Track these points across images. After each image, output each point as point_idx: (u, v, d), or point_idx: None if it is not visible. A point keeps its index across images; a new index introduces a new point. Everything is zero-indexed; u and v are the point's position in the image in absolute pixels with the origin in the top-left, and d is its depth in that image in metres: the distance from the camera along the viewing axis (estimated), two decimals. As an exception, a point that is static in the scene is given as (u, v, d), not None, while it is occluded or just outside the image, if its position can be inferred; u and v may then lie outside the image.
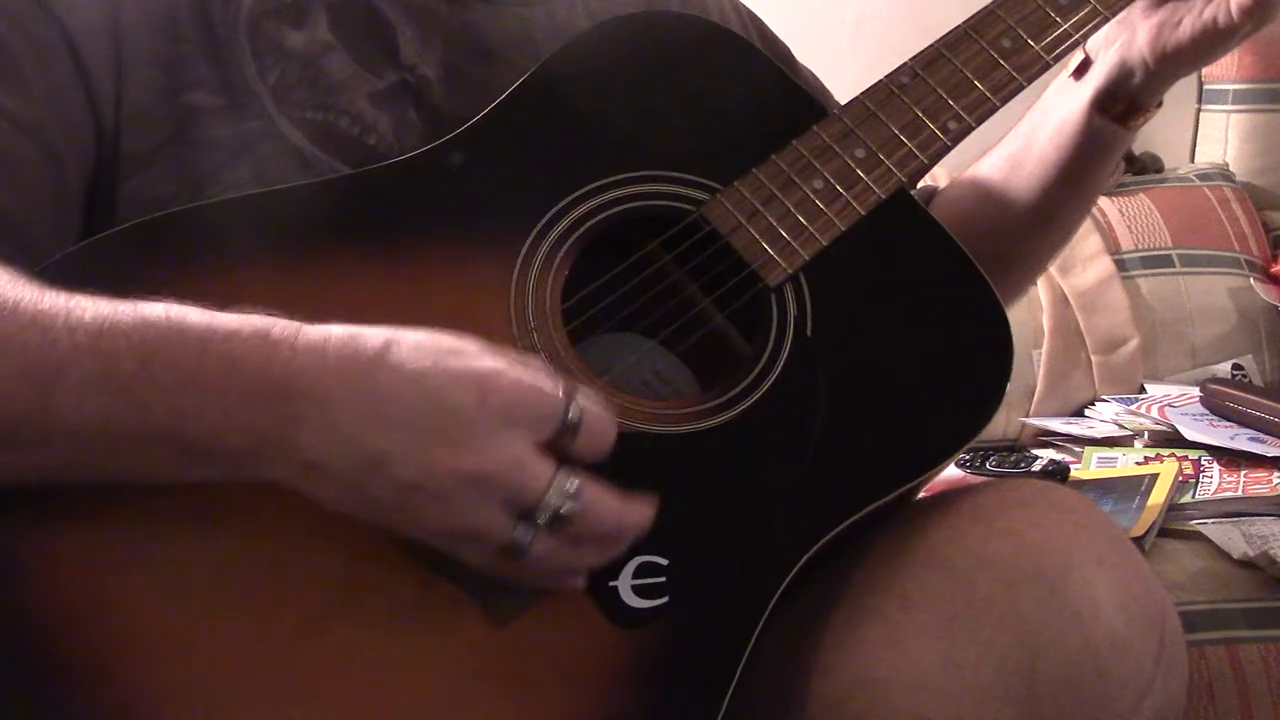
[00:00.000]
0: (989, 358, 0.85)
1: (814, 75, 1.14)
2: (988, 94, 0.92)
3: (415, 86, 0.93)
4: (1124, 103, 1.02)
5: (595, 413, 0.73)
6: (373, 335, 0.72)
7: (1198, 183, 2.08)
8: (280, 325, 0.71)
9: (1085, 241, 1.96)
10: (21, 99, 0.83)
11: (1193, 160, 2.19)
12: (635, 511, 0.74)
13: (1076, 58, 1.03)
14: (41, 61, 0.84)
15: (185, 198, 0.85)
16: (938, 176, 1.21)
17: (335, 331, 0.71)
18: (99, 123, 0.85)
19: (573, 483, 0.71)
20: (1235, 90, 2.15)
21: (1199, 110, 2.19)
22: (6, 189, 0.82)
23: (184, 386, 0.70)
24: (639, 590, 0.77)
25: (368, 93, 0.91)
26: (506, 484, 0.70)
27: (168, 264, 0.74)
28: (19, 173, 0.83)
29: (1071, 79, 1.04)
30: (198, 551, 0.74)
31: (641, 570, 0.77)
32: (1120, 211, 2.02)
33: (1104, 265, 1.94)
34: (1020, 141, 1.07)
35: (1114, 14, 0.97)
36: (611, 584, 0.76)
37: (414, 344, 0.72)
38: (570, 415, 0.72)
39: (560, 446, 0.72)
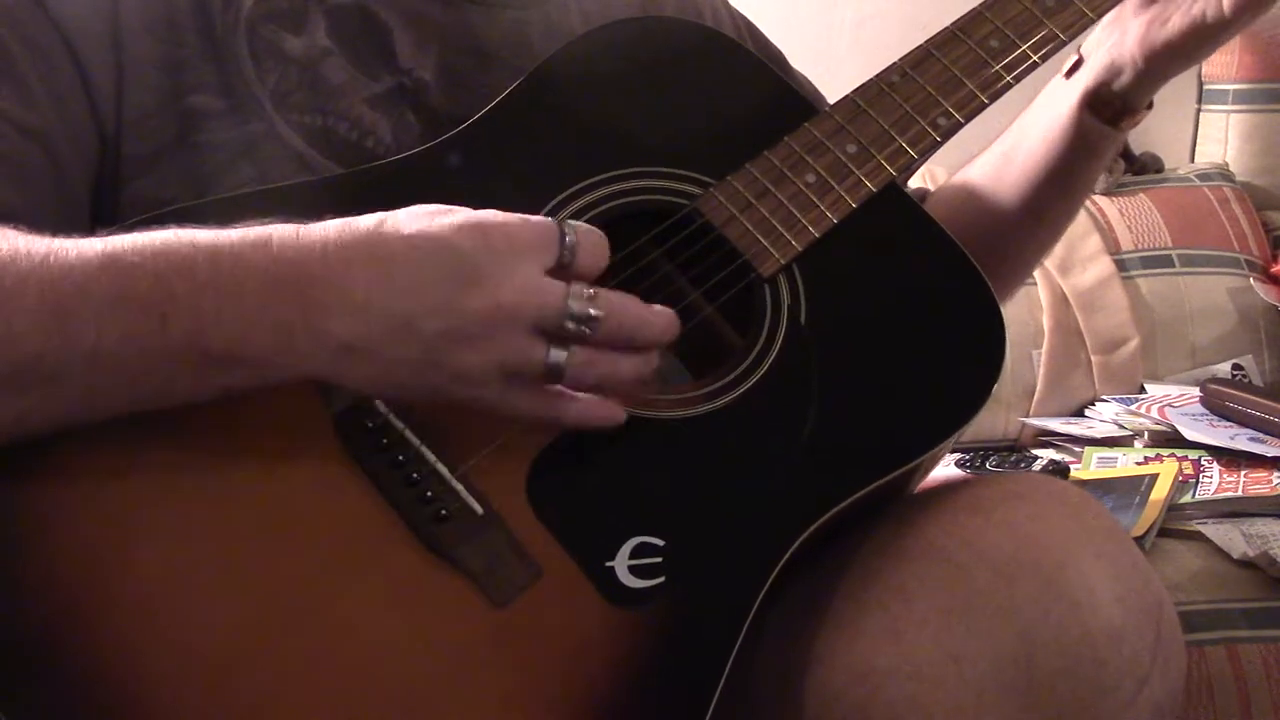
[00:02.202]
0: (982, 344, 0.86)
1: (806, 79, 1.15)
2: (977, 91, 0.94)
3: (412, 89, 0.94)
4: (1115, 103, 1.03)
5: (587, 229, 0.77)
6: (365, 218, 0.75)
7: (1198, 183, 2.09)
8: (279, 227, 0.74)
9: (1085, 241, 1.96)
10: (24, 103, 0.84)
11: (1193, 160, 2.20)
12: (658, 311, 0.78)
13: (1071, 57, 1.03)
14: (42, 65, 0.85)
15: (188, 200, 0.86)
16: (938, 178, 1.21)
17: (331, 224, 0.74)
18: (100, 125, 0.86)
19: (588, 290, 0.75)
20: (1235, 90, 2.16)
21: (1199, 110, 2.20)
22: (12, 193, 0.82)
23: (201, 294, 0.71)
24: (635, 570, 0.77)
25: (366, 97, 0.92)
26: (528, 307, 0.74)
27: None
28: (24, 176, 0.83)
29: (1064, 79, 1.04)
30: (198, 534, 0.74)
31: (638, 550, 0.78)
32: (1120, 211, 2.02)
33: (1104, 265, 1.95)
34: (1011, 140, 1.08)
35: (1100, 16, 0.98)
36: (608, 564, 0.77)
37: (406, 213, 0.75)
38: (567, 237, 0.76)
39: (566, 269, 0.76)
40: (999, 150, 1.09)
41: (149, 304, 0.71)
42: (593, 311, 0.75)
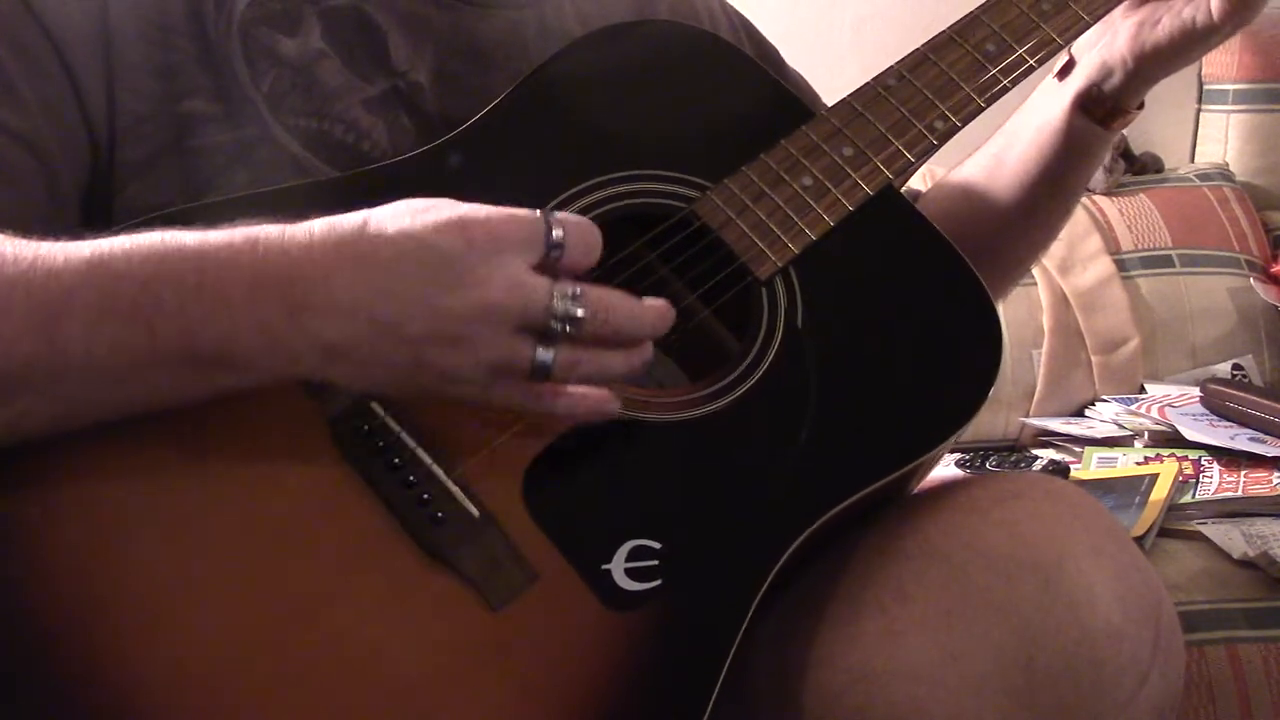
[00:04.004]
0: (978, 346, 0.86)
1: (802, 78, 1.15)
2: (973, 95, 0.94)
3: (407, 92, 0.94)
4: (1106, 104, 1.03)
5: (576, 222, 0.76)
6: (349, 216, 0.74)
7: (1198, 183, 2.09)
8: (266, 229, 0.73)
9: (1085, 241, 1.96)
10: (13, 109, 0.84)
11: (1193, 160, 2.20)
12: (648, 306, 0.77)
13: (1061, 58, 1.04)
14: (32, 70, 0.85)
15: (183, 205, 0.85)
16: (937, 177, 1.21)
17: (316, 224, 0.74)
18: (92, 131, 0.86)
19: (574, 289, 0.74)
20: (1235, 90, 2.16)
21: (1199, 110, 2.20)
22: (3, 198, 0.82)
23: (187, 300, 0.71)
24: (632, 573, 0.77)
25: (361, 100, 0.92)
26: (512, 307, 0.73)
27: None
28: (14, 182, 0.83)
29: (1055, 79, 1.05)
30: (194, 536, 0.75)
31: (635, 553, 0.78)
32: (1120, 211, 2.02)
33: (1104, 265, 1.95)
34: (1003, 141, 1.08)
35: (1096, 19, 0.98)
36: (604, 566, 0.77)
37: (389, 212, 0.74)
38: (553, 231, 0.75)
39: (553, 265, 0.75)
40: (991, 151, 1.09)
41: (136, 311, 0.71)
42: (578, 312, 0.74)
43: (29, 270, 0.71)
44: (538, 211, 0.76)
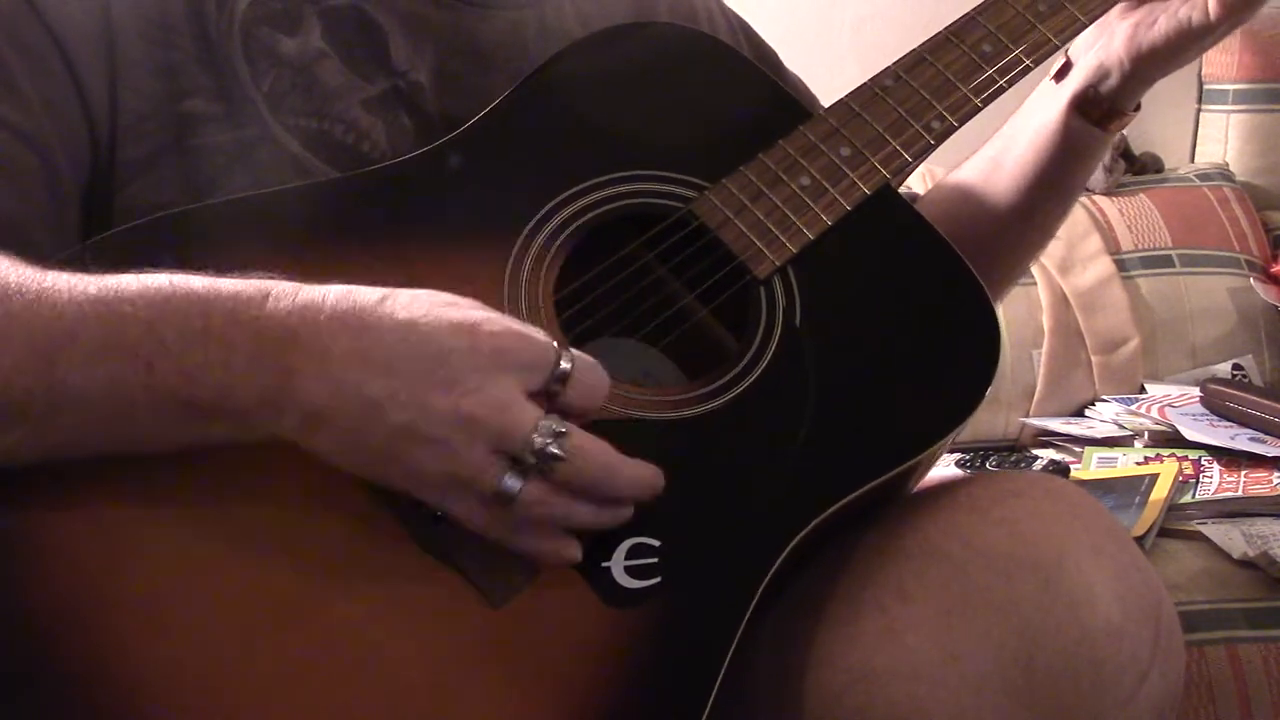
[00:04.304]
0: (976, 345, 0.86)
1: (800, 80, 1.16)
2: (970, 95, 0.94)
3: (407, 92, 0.94)
4: (1103, 105, 1.03)
5: (587, 364, 0.75)
6: (369, 290, 0.74)
7: (1198, 183, 2.09)
8: (280, 285, 0.73)
9: (1085, 241, 1.96)
10: (15, 106, 0.84)
11: (1193, 160, 2.20)
12: (629, 466, 0.76)
13: (1058, 60, 1.04)
14: (35, 68, 0.85)
15: (184, 204, 0.86)
16: (938, 178, 1.21)
17: (332, 289, 0.73)
18: (93, 129, 0.86)
19: (560, 427, 0.73)
20: (1235, 90, 2.16)
21: (1199, 110, 2.20)
22: (6, 197, 0.83)
23: (190, 347, 0.71)
24: (631, 571, 0.78)
25: (361, 99, 0.92)
26: (492, 425, 0.72)
27: (166, 262, 0.75)
28: (16, 179, 0.83)
29: (1053, 81, 1.05)
30: (194, 536, 0.75)
31: (634, 551, 0.78)
32: (1120, 211, 2.02)
33: (1104, 265, 1.95)
34: (1001, 143, 1.09)
35: (1092, 20, 0.98)
36: (604, 565, 0.77)
37: (409, 296, 0.74)
38: (561, 365, 0.74)
39: (552, 397, 0.74)
40: (988, 154, 1.09)
41: (137, 352, 0.71)
42: (554, 450, 0.72)
43: (33, 303, 0.72)
44: (553, 341, 0.75)
